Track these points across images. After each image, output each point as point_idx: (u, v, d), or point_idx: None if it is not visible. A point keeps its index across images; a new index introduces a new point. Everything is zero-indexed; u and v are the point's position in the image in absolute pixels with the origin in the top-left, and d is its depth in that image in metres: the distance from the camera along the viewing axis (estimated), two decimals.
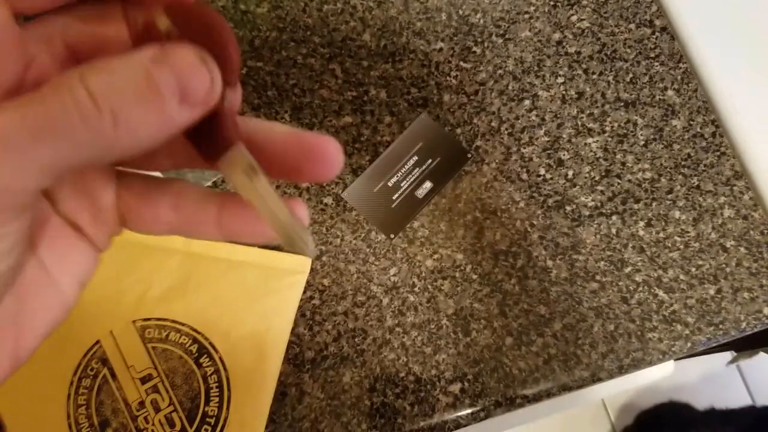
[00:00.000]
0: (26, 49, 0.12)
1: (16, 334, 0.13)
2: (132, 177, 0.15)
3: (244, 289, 0.38)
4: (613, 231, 0.41)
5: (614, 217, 0.41)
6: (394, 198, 0.41)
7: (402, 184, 0.41)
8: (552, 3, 0.46)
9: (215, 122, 0.12)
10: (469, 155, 0.42)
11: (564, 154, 0.43)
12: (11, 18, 0.11)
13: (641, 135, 0.43)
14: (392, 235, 0.40)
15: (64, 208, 0.14)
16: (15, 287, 0.13)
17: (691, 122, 0.44)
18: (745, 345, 0.74)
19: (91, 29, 0.13)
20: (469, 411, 0.38)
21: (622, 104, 0.44)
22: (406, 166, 0.41)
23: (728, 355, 0.99)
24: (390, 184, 0.41)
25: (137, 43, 0.12)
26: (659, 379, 0.48)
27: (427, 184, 0.41)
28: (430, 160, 0.41)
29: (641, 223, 0.41)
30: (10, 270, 0.12)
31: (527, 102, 0.44)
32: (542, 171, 0.42)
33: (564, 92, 0.44)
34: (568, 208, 0.41)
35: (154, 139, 0.11)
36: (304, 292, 0.39)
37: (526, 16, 0.45)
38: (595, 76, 0.44)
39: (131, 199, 0.15)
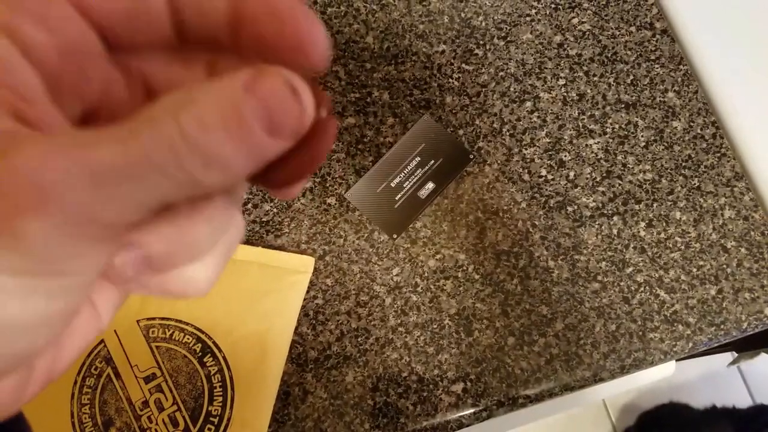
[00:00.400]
0: (110, 73, 0.12)
1: (53, 360, 0.13)
2: None
3: (246, 288, 0.38)
4: (615, 231, 0.41)
5: (615, 218, 0.42)
6: (396, 198, 0.41)
7: (405, 185, 0.41)
8: (553, 6, 0.46)
9: None
10: (471, 156, 0.42)
11: (565, 156, 0.43)
12: (99, 42, 0.11)
13: (642, 136, 0.44)
14: (395, 236, 0.40)
15: None
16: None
17: (692, 124, 0.44)
18: (747, 346, 0.74)
19: (171, 70, 0.13)
20: (471, 411, 0.38)
21: (622, 106, 0.44)
22: (409, 167, 0.41)
23: (729, 356, 0.99)
24: (393, 185, 0.41)
25: None
26: (660, 379, 0.49)
27: (430, 185, 0.41)
28: (432, 161, 0.42)
29: (642, 224, 0.42)
30: (72, 310, 0.11)
31: (529, 104, 0.44)
32: (544, 172, 0.42)
33: (565, 94, 0.44)
34: (570, 209, 0.42)
35: (243, 173, 0.11)
36: (308, 291, 0.39)
37: (528, 18, 0.46)
38: (596, 78, 0.45)
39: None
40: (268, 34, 0.11)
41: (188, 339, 0.37)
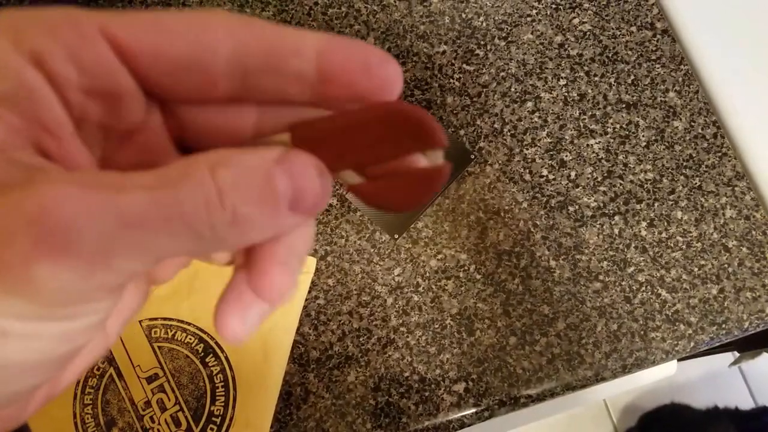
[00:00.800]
0: (144, 116, 0.12)
1: (55, 381, 0.13)
2: None
3: None
4: (616, 231, 0.41)
5: (617, 218, 0.42)
6: None
7: None
8: (554, 6, 0.46)
9: None
10: (473, 156, 0.42)
11: (566, 155, 0.43)
12: (136, 87, 0.11)
13: (643, 136, 0.44)
14: (396, 236, 0.40)
15: None
16: None
17: (693, 123, 0.44)
18: (748, 345, 0.74)
19: (215, 120, 0.13)
20: (473, 410, 0.38)
21: (623, 106, 0.44)
22: None
23: (730, 356, 0.99)
24: None
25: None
26: (662, 378, 0.49)
27: None
28: None
29: (643, 224, 0.42)
30: (77, 349, 0.11)
31: (530, 104, 0.44)
32: (545, 172, 0.42)
33: (566, 94, 0.44)
34: (571, 209, 0.42)
35: (258, 239, 0.11)
36: (309, 291, 0.39)
37: (528, 18, 0.46)
38: (596, 78, 0.45)
39: None
40: (354, 86, 0.12)
41: (190, 339, 0.37)
